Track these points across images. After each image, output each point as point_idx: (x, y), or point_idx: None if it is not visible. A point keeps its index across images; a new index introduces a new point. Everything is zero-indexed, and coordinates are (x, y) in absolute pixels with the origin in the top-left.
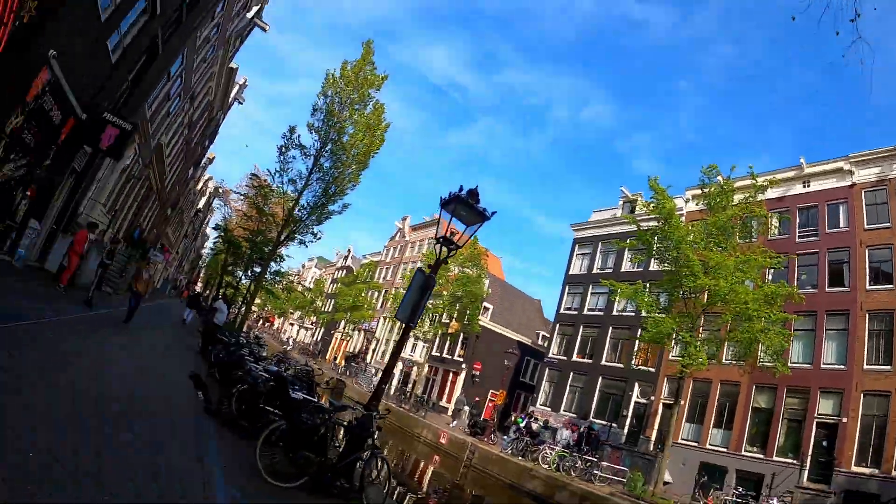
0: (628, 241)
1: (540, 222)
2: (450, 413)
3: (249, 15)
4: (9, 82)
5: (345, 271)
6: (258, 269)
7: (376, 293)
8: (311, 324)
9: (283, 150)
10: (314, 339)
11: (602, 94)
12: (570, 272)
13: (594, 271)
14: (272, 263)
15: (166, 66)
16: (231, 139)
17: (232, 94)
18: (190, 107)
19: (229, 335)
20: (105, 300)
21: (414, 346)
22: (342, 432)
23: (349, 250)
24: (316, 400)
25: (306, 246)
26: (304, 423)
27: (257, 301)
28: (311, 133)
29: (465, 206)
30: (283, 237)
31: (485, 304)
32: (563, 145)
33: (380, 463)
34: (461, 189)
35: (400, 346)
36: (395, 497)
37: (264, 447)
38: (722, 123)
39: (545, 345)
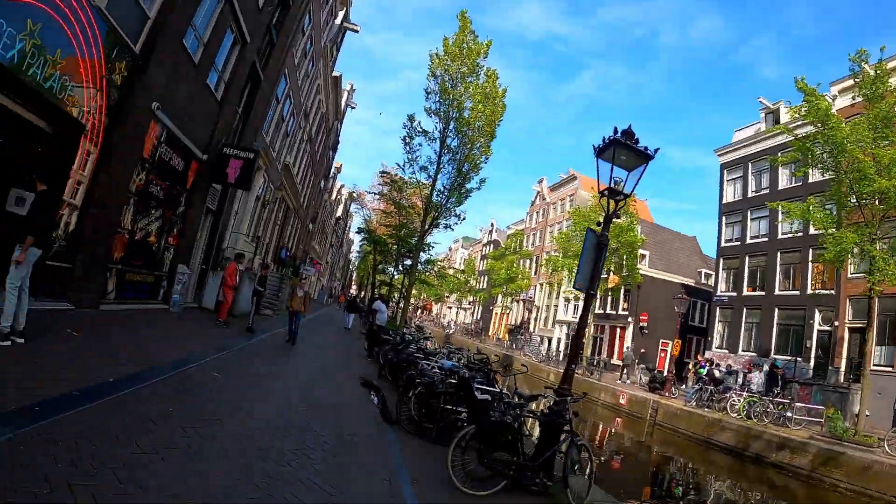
0: (780, 155)
1: (674, 155)
2: (624, 371)
3: (338, 21)
4: (122, 144)
5: (491, 246)
6: (408, 262)
7: (528, 261)
8: (469, 303)
9: (407, 139)
10: (474, 318)
11: (706, 3)
12: (724, 201)
13: (749, 195)
14: (421, 253)
15: (272, 90)
16: (353, 146)
17: (343, 102)
18: (306, 122)
19: (393, 333)
20: (266, 324)
21: (575, 307)
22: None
23: (492, 224)
24: (499, 390)
25: (452, 229)
26: (495, 424)
27: (412, 292)
28: (431, 116)
29: (624, 148)
30: (426, 226)
31: (640, 251)
32: (680, 72)
33: (580, 451)
34: (616, 131)
35: (584, 317)
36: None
37: (455, 455)
38: (842, 4)
39: (709, 283)
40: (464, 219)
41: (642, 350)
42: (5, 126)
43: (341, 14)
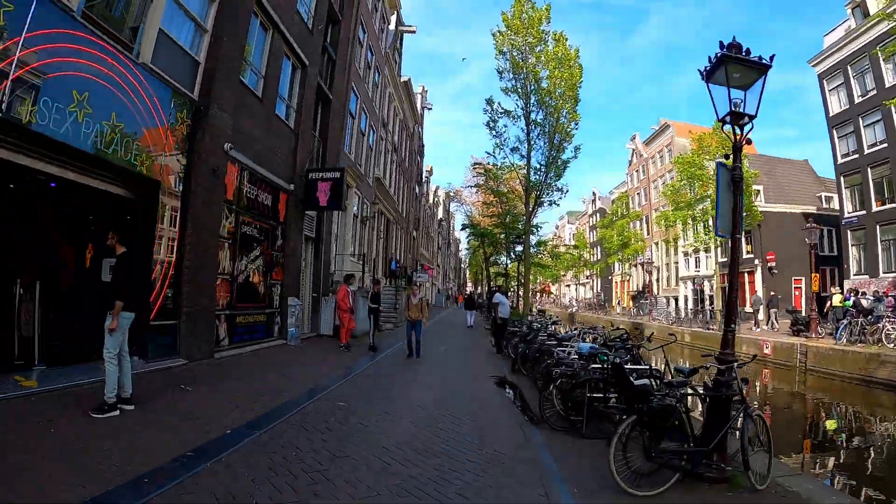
0: (879, 48)
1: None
2: (760, 316)
3: (392, 26)
4: (202, 191)
5: (598, 215)
6: (519, 248)
7: (638, 223)
8: (586, 278)
9: (491, 123)
10: (594, 291)
11: None
12: (831, 114)
13: (857, 101)
14: (530, 236)
15: (343, 107)
16: (439, 146)
17: (418, 105)
18: (386, 132)
19: (519, 323)
20: (389, 338)
21: (696, 260)
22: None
23: (594, 193)
24: (651, 367)
25: (557, 204)
26: (658, 411)
27: (529, 277)
28: (509, 95)
29: (736, 63)
30: (531, 206)
31: (754, 186)
32: None
33: (755, 422)
34: (721, 46)
35: (734, 266)
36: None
37: (617, 452)
38: None
39: (833, 206)
40: (567, 192)
41: (771, 293)
42: (87, 201)
43: (393, 19)
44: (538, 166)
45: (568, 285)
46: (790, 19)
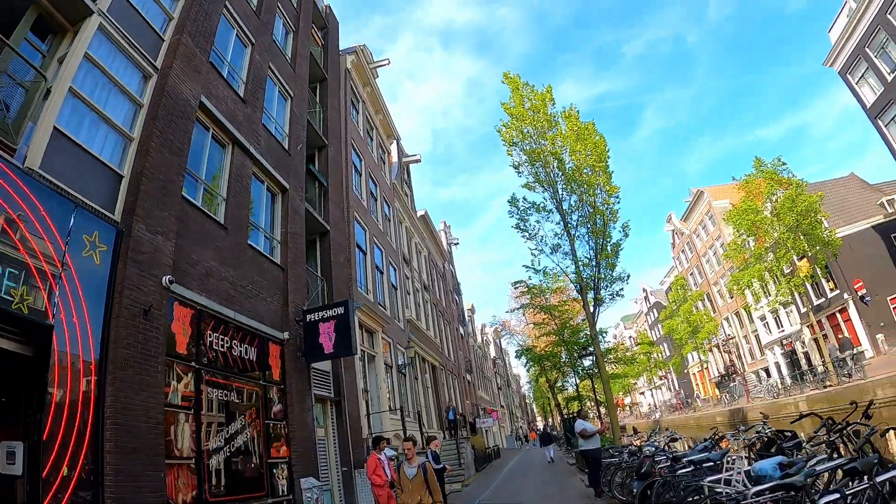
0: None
1: (762, 136)
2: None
3: (394, 156)
4: (131, 339)
5: (655, 310)
6: (588, 361)
7: (700, 303)
8: (661, 379)
9: (521, 224)
10: (673, 390)
11: None
12: (868, 105)
13: (890, 78)
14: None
15: (346, 240)
16: (475, 288)
17: (444, 241)
18: (410, 270)
19: (615, 451)
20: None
21: (777, 320)
22: None
23: (644, 290)
24: None
25: (621, 296)
26: None
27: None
28: (534, 190)
29: None
30: (592, 307)
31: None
32: (721, 59)
33: None
34: None
35: None
36: None
37: None
38: None
39: None
40: (628, 278)
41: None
42: None
43: (394, 149)
44: (586, 259)
45: (642, 392)
46: (766, 68)
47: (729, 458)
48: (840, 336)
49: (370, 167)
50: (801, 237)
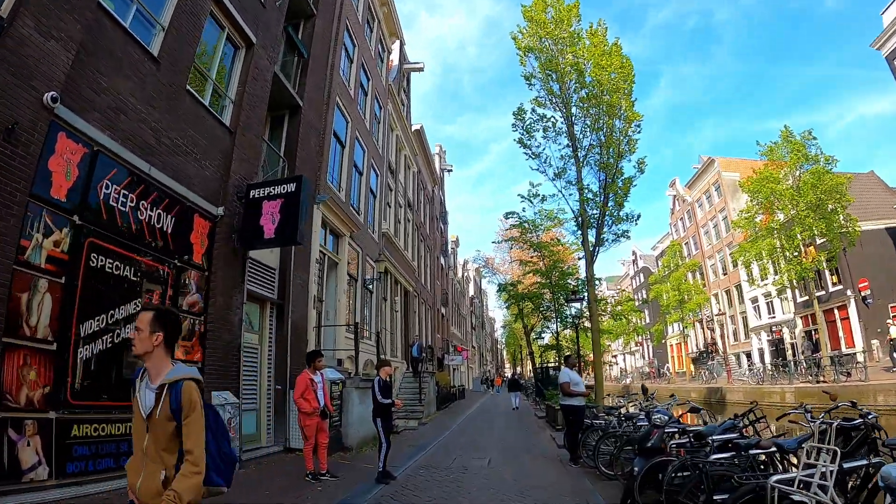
0: None
1: (771, 127)
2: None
3: (394, 57)
4: None
5: (641, 276)
6: (576, 306)
7: (690, 275)
8: (636, 345)
9: (525, 138)
10: (646, 359)
11: None
12: None
13: None
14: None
15: (322, 121)
16: (463, 230)
17: (436, 166)
18: (395, 182)
19: (600, 411)
20: (409, 443)
21: (770, 305)
22: None
23: (634, 253)
24: None
25: (627, 237)
26: None
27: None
28: (546, 105)
29: None
30: (593, 246)
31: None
32: (747, 43)
33: None
34: None
35: None
36: None
37: None
38: None
39: None
40: (638, 218)
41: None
42: None
43: (395, 48)
44: (593, 192)
45: (614, 356)
46: (787, 63)
47: (810, 448)
48: (816, 336)
49: (365, 58)
50: (821, 219)
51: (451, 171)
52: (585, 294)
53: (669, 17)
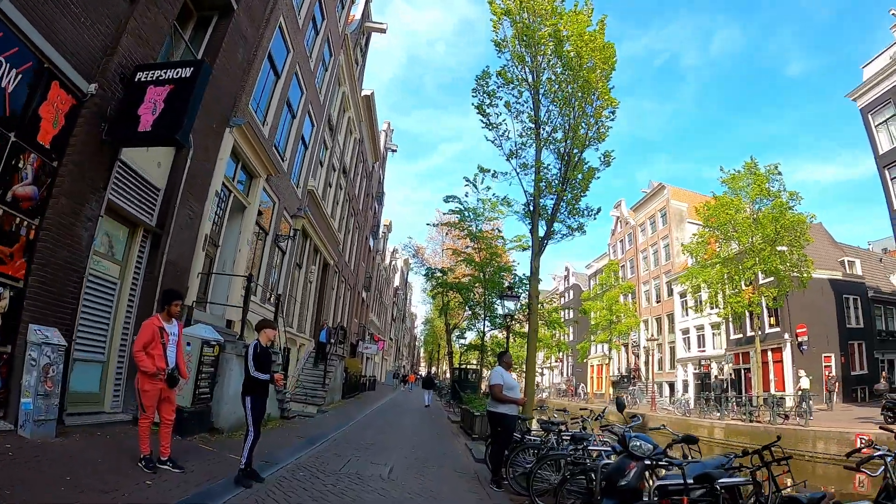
0: None
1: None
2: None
3: (357, 11)
4: None
5: (571, 293)
6: (511, 305)
7: (622, 298)
8: (557, 361)
9: (486, 102)
10: (564, 376)
11: (722, 16)
12: (881, 152)
13: None
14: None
15: (256, 33)
16: (402, 226)
17: (381, 142)
18: (333, 141)
19: (549, 426)
20: (295, 434)
21: (700, 339)
22: None
23: (567, 269)
24: None
25: (582, 232)
26: None
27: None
28: (515, 78)
29: None
30: (544, 235)
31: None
32: (711, 88)
33: None
34: None
35: None
36: None
37: None
38: None
39: (855, 272)
40: (598, 213)
41: (800, 373)
42: None
43: (360, 1)
44: (549, 181)
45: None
46: (744, 116)
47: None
48: (721, 377)
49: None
50: (774, 254)
51: (395, 151)
52: (521, 292)
53: (640, 52)
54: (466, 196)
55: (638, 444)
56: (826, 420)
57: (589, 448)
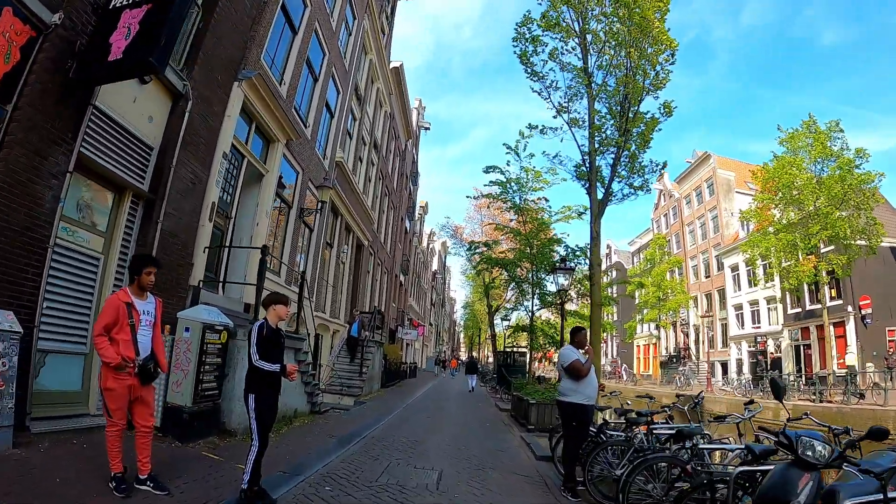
0: None
1: (750, 149)
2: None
3: None
4: None
5: (614, 272)
6: (563, 280)
7: (673, 272)
8: (602, 341)
9: (526, 53)
10: (609, 357)
11: None
12: None
13: None
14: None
15: None
16: (437, 209)
17: (413, 120)
18: (361, 111)
19: (639, 419)
20: (327, 433)
21: (755, 315)
22: None
23: (608, 247)
24: None
25: (648, 190)
26: None
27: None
28: (559, 28)
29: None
30: (602, 199)
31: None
32: (743, 63)
33: None
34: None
35: None
36: None
37: None
38: None
39: None
40: (662, 167)
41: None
42: None
43: None
44: (606, 132)
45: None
46: (778, 89)
47: None
48: (773, 354)
49: None
50: (843, 218)
51: (428, 129)
52: (576, 263)
53: (671, 27)
54: (508, 165)
55: (813, 446)
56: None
57: (701, 448)
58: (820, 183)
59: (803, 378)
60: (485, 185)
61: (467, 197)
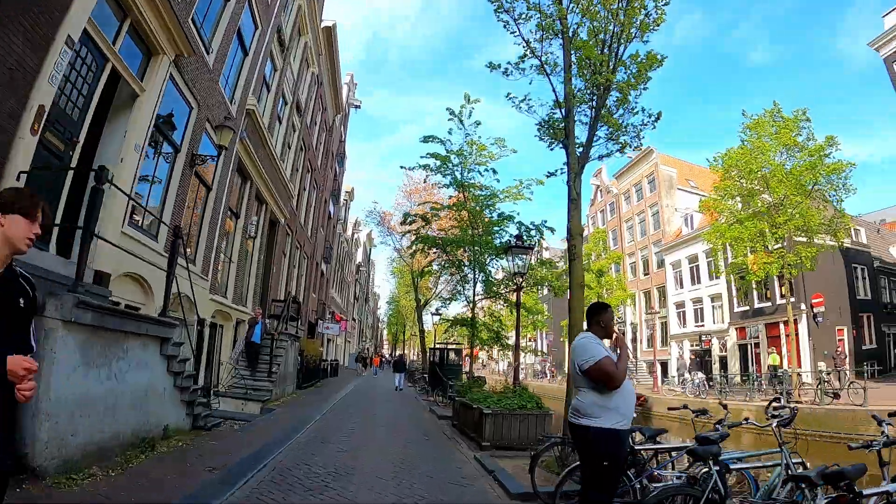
0: None
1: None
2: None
3: None
4: None
5: (544, 267)
6: (520, 262)
7: (612, 268)
8: (530, 340)
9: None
10: (539, 356)
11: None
12: None
13: None
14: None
15: None
16: (361, 191)
17: (344, 95)
18: (283, 62)
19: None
20: (227, 452)
21: (698, 313)
22: None
23: (540, 242)
24: None
25: (638, 144)
26: None
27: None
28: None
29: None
30: (580, 150)
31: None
32: (672, 76)
33: None
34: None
35: None
36: None
37: None
38: None
39: (861, 242)
40: (658, 118)
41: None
42: None
43: None
44: (583, 86)
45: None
46: (710, 101)
47: None
48: (694, 353)
49: None
50: (811, 208)
51: (359, 107)
52: (537, 240)
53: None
54: (450, 134)
55: None
56: (880, 399)
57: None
58: (788, 172)
59: (777, 377)
60: (421, 157)
61: (401, 167)
